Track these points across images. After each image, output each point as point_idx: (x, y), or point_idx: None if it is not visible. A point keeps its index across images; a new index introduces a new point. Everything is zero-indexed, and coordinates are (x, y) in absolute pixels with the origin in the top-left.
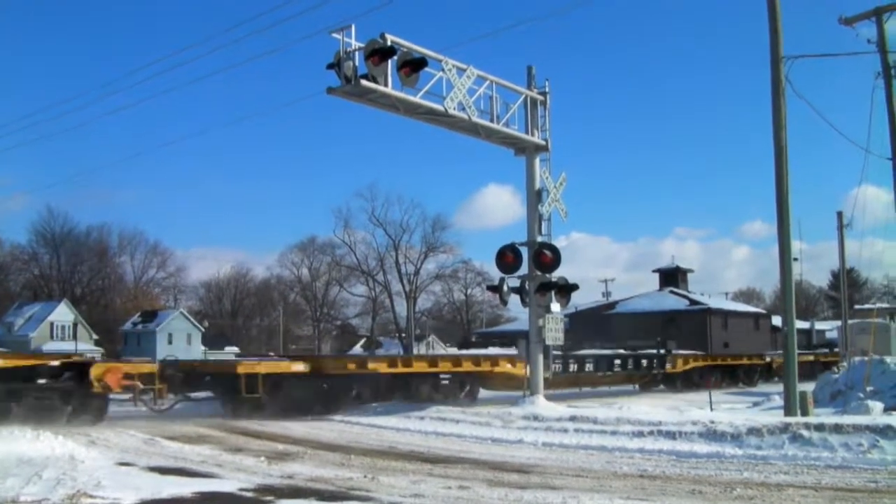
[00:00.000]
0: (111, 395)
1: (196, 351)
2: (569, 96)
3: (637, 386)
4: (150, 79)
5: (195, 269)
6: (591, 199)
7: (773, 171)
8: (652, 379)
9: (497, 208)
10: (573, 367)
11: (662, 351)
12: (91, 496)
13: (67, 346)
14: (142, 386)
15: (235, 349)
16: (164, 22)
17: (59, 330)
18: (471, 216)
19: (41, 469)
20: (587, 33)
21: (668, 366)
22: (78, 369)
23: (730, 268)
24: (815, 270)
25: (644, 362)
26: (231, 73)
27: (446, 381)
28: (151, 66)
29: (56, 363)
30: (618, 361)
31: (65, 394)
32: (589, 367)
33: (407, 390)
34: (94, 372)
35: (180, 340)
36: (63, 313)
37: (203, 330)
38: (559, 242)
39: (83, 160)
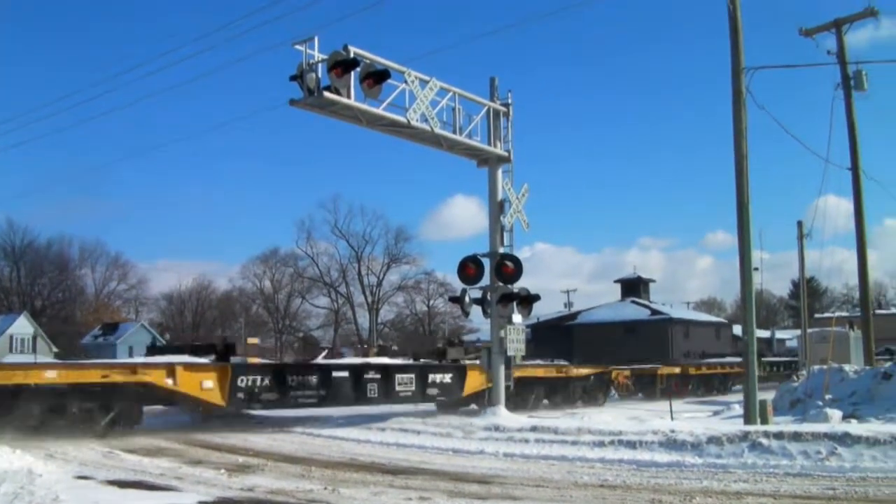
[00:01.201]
0: None
1: None
2: (534, 107)
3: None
4: (110, 92)
5: (157, 281)
6: (556, 211)
7: (734, 182)
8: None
9: (463, 219)
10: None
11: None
12: None
13: (27, 358)
14: None
15: None
16: (122, 37)
17: (18, 343)
18: (437, 227)
19: None
20: (551, 45)
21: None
22: None
23: (693, 278)
24: (776, 280)
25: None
26: (192, 85)
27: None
28: (112, 79)
29: None
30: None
31: None
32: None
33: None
34: None
35: (141, 353)
36: (23, 326)
37: (164, 342)
38: (523, 253)
39: (43, 172)
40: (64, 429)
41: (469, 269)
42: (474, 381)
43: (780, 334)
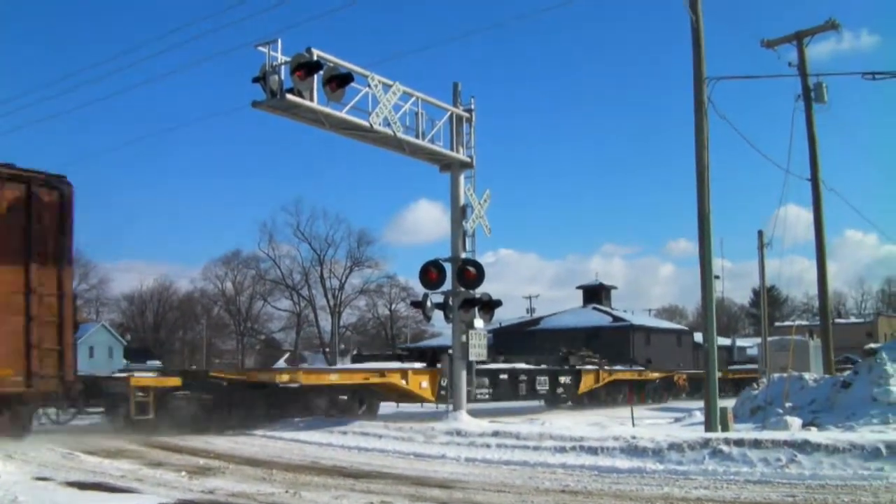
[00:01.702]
0: None
1: (118, 364)
2: (498, 114)
3: (543, 402)
4: (75, 88)
5: (119, 281)
6: (521, 217)
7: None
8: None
9: (427, 224)
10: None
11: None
12: None
13: None
14: None
15: (157, 363)
16: (80, 36)
17: None
18: (401, 232)
19: None
20: (515, 51)
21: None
22: None
23: (655, 285)
24: (738, 289)
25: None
26: (154, 85)
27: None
28: (73, 76)
29: None
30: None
31: None
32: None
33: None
34: None
35: (102, 353)
36: None
37: (125, 343)
38: (486, 259)
39: None
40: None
41: (431, 273)
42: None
43: (740, 342)
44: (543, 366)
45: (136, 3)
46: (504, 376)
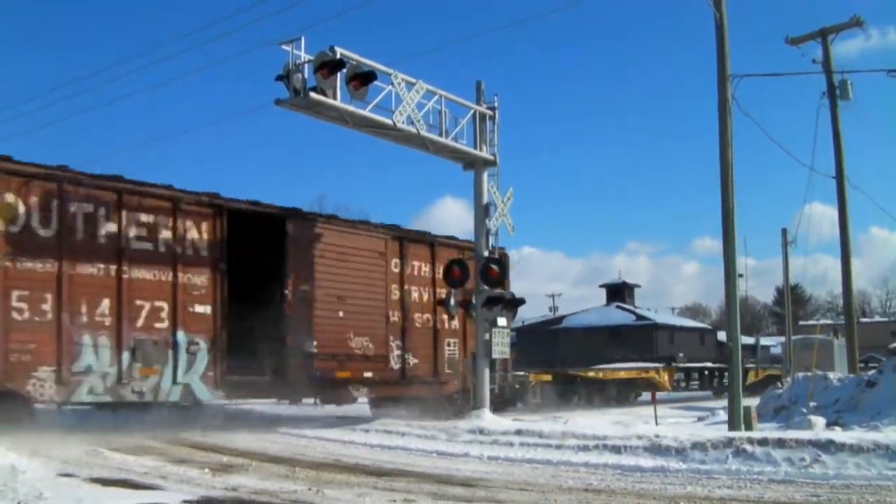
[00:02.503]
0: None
1: None
2: (521, 111)
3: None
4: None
5: None
6: (545, 215)
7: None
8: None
9: (452, 221)
10: None
11: None
12: None
13: None
14: None
15: None
16: (93, 39)
17: None
18: (425, 229)
19: None
20: (540, 49)
21: None
22: None
23: (679, 283)
24: (761, 286)
25: None
26: (177, 84)
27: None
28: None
29: None
30: None
31: None
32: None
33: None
34: None
35: None
36: None
37: None
38: (510, 257)
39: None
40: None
41: (454, 271)
42: (750, 378)
43: (764, 341)
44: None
45: (162, 2)
46: (705, 373)
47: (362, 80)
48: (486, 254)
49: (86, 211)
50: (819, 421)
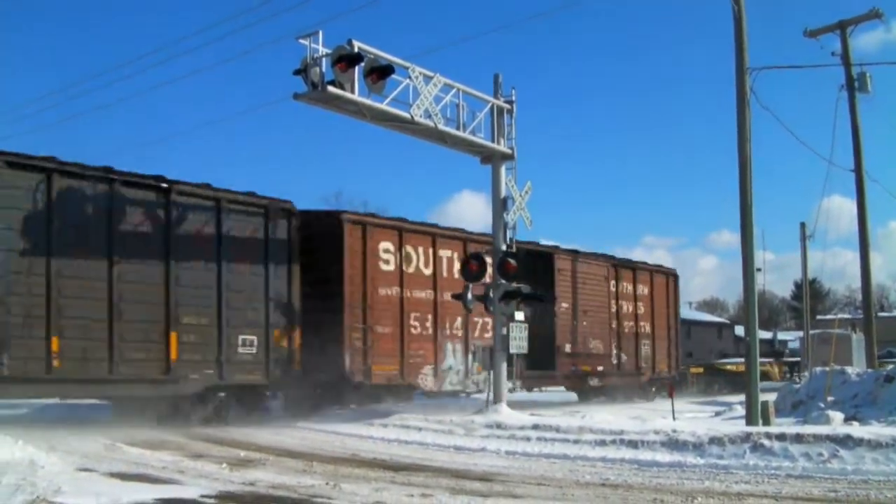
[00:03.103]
0: None
1: None
2: (538, 105)
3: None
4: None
5: None
6: (562, 208)
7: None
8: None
9: (471, 215)
10: None
11: None
12: (51, 502)
13: None
14: None
15: None
16: (110, 34)
17: None
18: (444, 222)
19: (0, 474)
20: (557, 43)
21: None
22: None
23: (696, 277)
24: (780, 281)
25: None
26: (194, 78)
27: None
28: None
29: None
30: None
31: None
32: None
33: None
34: None
35: None
36: None
37: None
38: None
39: None
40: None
41: (472, 265)
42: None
43: (782, 335)
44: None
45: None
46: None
47: (380, 73)
48: (503, 248)
49: (445, 256)
50: (837, 416)
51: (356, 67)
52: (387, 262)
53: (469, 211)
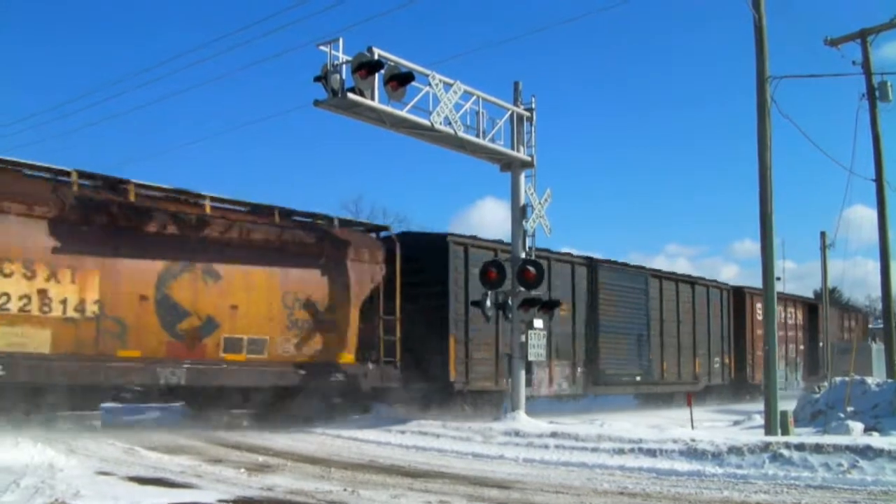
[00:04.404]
0: None
1: None
2: (559, 112)
3: None
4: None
5: None
6: (583, 217)
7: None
8: None
9: (494, 222)
10: None
11: None
12: None
13: None
14: None
15: None
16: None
17: None
18: (467, 229)
19: (19, 477)
20: (578, 51)
21: None
22: None
23: None
24: (800, 290)
25: None
26: (214, 84)
27: None
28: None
29: None
30: None
31: None
32: None
33: None
34: None
35: None
36: None
37: None
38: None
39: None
40: None
41: (491, 273)
42: None
43: None
44: None
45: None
46: None
47: (400, 80)
48: (522, 255)
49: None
50: (857, 426)
51: (376, 74)
52: None
53: (491, 218)
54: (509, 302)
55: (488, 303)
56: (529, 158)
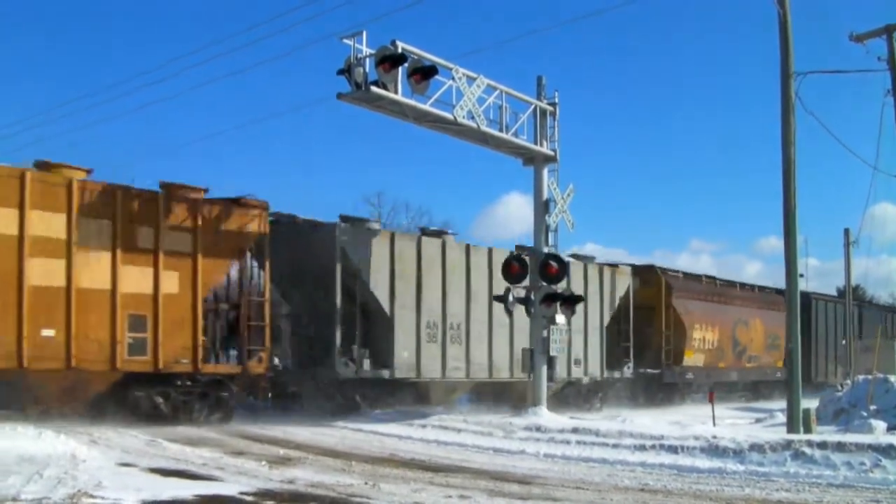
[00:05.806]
0: None
1: None
2: (582, 107)
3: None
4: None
5: None
6: (608, 212)
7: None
8: None
9: (519, 217)
10: None
11: None
12: (92, 496)
13: None
14: None
15: None
16: (164, 26)
17: None
18: (491, 224)
19: (42, 468)
20: (602, 45)
21: None
22: None
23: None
24: (824, 287)
25: None
26: (235, 77)
27: None
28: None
29: None
30: None
31: None
32: None
33: None
34: None
35: None
36: None
37: None
38: (569, 254)
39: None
40: None
41: (513, 267)
42: None
43: None
44: None
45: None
46: None
47: (423, 74)
48: (545, 250)
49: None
50: (879, 425)
51: (400, 68)
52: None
53: (517, 213)
54: (531, 297)
55: (510, 297)
56: (552, 153)
